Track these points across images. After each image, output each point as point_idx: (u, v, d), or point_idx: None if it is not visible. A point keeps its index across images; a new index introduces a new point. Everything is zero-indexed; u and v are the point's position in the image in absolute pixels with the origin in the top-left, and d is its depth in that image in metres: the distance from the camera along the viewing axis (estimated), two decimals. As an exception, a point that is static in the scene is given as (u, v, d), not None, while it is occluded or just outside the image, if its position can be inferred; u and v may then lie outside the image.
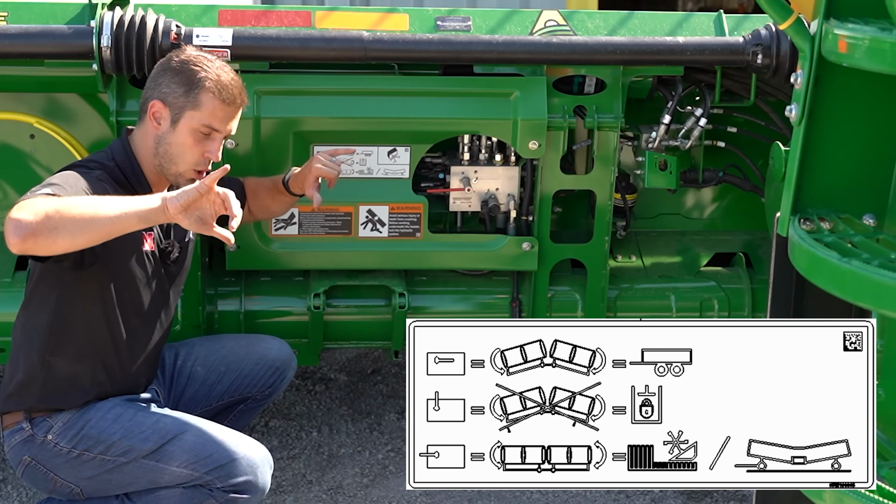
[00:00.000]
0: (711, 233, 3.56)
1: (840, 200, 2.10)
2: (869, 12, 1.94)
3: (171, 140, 2.55)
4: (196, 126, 2.54)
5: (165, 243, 2.68)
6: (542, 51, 2.95)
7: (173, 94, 2.54)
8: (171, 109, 2.54)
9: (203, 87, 2.53)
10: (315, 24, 3.04)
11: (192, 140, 2.55)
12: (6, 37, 2.83)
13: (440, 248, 3.19)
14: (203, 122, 2.54)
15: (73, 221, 2.21)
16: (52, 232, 2.20)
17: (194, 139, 2.55)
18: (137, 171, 2.60)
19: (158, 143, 2.57)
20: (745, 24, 3.15)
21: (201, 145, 2.55)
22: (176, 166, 2.57)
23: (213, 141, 2.57)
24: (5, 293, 3.08)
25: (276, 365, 2.96)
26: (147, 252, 2.62)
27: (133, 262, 2.59)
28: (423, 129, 3.09)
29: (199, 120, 2.54)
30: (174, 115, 2.54)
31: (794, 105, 2.05)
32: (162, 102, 2.55)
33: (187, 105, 2.53)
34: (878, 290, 1.79)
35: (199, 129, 2.54)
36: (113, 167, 2.57)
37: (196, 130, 2.54)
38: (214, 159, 2.57)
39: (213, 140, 2.57)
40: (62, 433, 2.57)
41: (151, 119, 2.57)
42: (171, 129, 2.55)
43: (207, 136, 2.56)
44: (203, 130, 2.55)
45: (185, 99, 2.53)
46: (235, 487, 2.56)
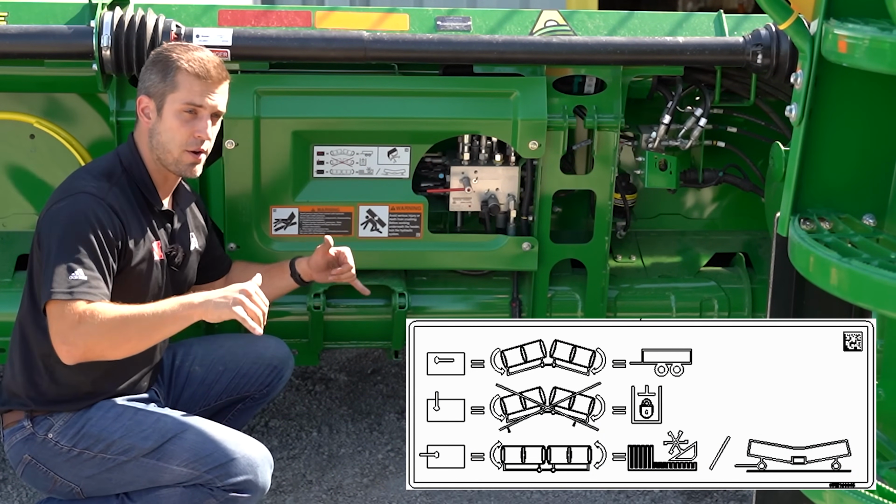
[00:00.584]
0: (711, 233, 3.56)
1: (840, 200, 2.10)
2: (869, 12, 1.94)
3: (160, 129, 2.59)
4: (178, 107, 2.57)
5: (170, 248, 2.70)
6: (542, 51, 2.95)
7: (153, 84, 2.58)
8: (155, 99, 2.58)
9: (177, 68, 2.56)
10: (315, 24, 3.04)
11: (178, 122, 2.57)
12: (6, 37, 2.83)
13: (440, 248, 3.19)
14: (184, 101, 2.56)
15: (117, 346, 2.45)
16: (100, 355, 2.45)
17: (180, 121, 2.57)
18: (144, 172, 2.62)
19: (151, 136, 2.60)
20: (745, 24, 3.15)
21: (188, 126, 2.58)
22: (170, 153, 2.59)
23: (200, 119, 2.59)
24: (5, 293, 3.08)
25: (273, 364, 2.96)
26: (157, 261, 2.64)
27: (146, 273, 2.62)
28: (423, 129, 3.08)
29: (180, 100, 2.56)
30: (158, 103, 2.58)
31: (794, 105, 2.05)
32: (147, 96, 2.60)
33: (166, 90, 2.57)
34: (878, 290, 1.79)
35: (181, 109, 2.57)
36: (121, 173, 2.60)
37: (179, 112, 2.57)
38: (206, 138, 2.60)
39: (200, 119, 2.59)
40: (63, 432, 2.57)
41: (141, 115, 2.61)
42: (158, 118, 2.59)
43: (194, 116, 2.58)
44: (186, 109, 2.57)
45: (163, 85, 2.57)
46: (235, 486, 2.56)
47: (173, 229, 2.71)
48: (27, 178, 3.21)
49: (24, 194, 3.23)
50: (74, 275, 2.41)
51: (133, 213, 2.57)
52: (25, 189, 3.23)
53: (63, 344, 2.41)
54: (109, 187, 2.55)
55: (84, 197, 2.51)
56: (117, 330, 2.41)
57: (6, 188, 3.23)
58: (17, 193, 3.24)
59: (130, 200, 2.58)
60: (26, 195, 3.23)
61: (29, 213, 3.23)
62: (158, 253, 2.64)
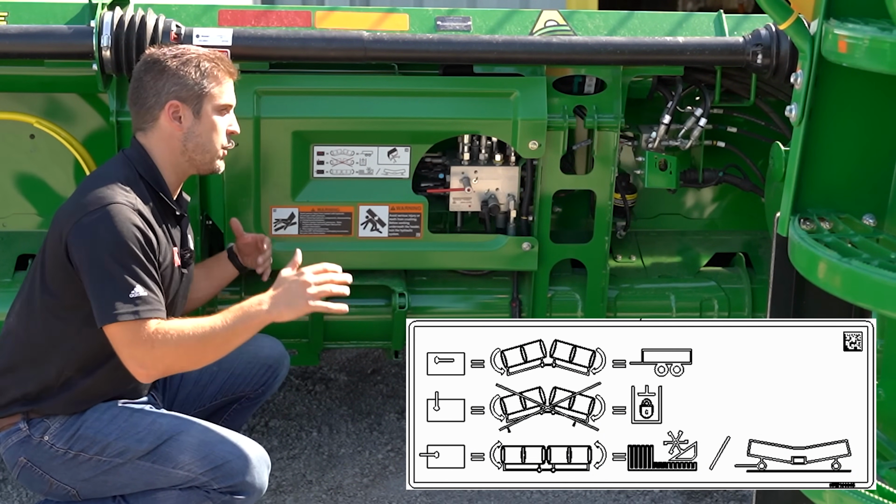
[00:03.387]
0: (711, 233, 3.56)
1: (840, 200, 2.11)
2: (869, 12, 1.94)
3: (199, 130, 2.62)
4: (219, 105, 2.64)
5: (183, 251, 2.70)
6: (542, 51, 2.95)
7: (186, 89, 2.59)
8: (190, 103, 2.60)
9: (209, 71, 2.61)
10: (315, 24, 3.04)
11: (218, 122, 2.65)
12: (6, 37, 2.83)
13: (440, 248, 3.19)
14: (223, 101, 2.65)
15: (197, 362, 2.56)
16: (178, 370, 2.64)
17: (220, 120, 2.65)
18: (160, 179, 2.63)
19: (187, 140, 2.61)
20: (745, 24, 3.15)
21: (223, 124, 2.67)
22: (209, 153, 2.65)
23: (231, 116, 2.69)
24: (5, 293, 3.08)
25: (268, 363, 2.96)
26: (176, 267, 2.65)
27: (168, 280, 2.62)
28: (423, 129, 3.08)
29: (219, 99, 2.64)
30: (195, 106, 2.60)
31: (794, 105, 2.05)
32: (178, 101, 2.59)
33: (203, 92, 2.60)
34: (878, 290, 1.79)
35: (221, 108, 2.65)
36: (138, 179, 2.59)
37: (220, 110, 2.65)
38: (236, 131, 2.71)
39: (231, 115, 2.69)
40: (58, 434, 2.56)
41: (171, 121, 2.59)
42: (196, 120, 2.61)
43: (227, 112, 2.68)
44: (223, 108, 2.66)
45: (199, 87, 2.60)
46: (232, 488, 2.55)
47: (183, 233, 2.72)
48: (27, 178, 3.21)
49: (25, 194, 3.23)
50: (133, 292, 2.41)
51: (156, 221, 2.56)
52: (25, 189, 3.23)
53: (141, 367, 2.46)
54: (136, 196, 2.54)
55: (118, 208, 2.47)
56: (194, 349, 2.47)
57: (6, 188, 3.23)
58: (18, 193, 3.24)
59: (152, 209, 2.57)
60: (26, 195, 3.23)
61: (29, 214, 3.23)
62: (177, 259, 2.65)
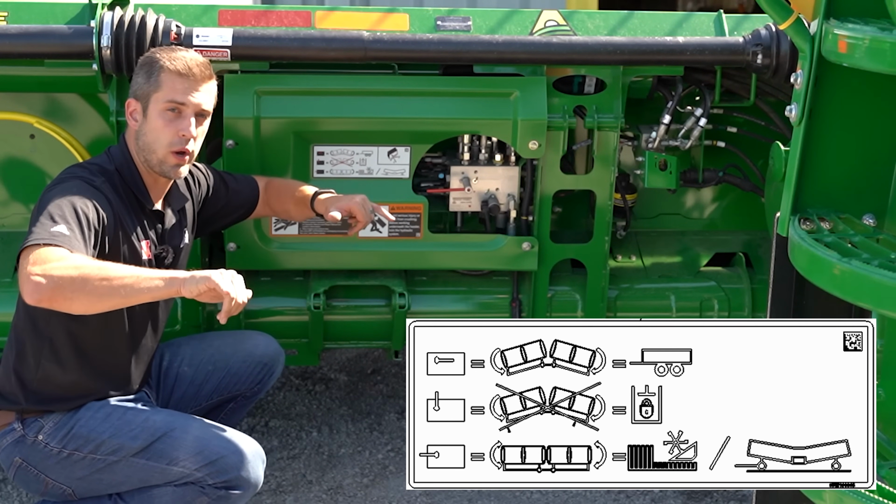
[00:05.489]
0: (711, 233, 3.56)
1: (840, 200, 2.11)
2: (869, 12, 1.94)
3: (146, 129, 2.59)
4: (162, 106, 2.57)
5: (160, 249, 2.69)
6: (542, 51, 2.95)
7: (139, 87, 2.60)
8: (141, 101, 2.60)
9: (159, 68, 2.58)
10: (315, 24, 3.04)
11: (162, 122, 2.57)
12: (6, 37, 2.83)
13: (440, 248, 3.19)
14: (166, 99, 2.57)
15: (88, 293, 2.27)
16: (68, 300, 2.27)
17: (164, 120, 2.57)
18: (135, 173, 2.63)
19: (138, 138, 2.61)
20: (745, 24, 3.15)
21: (173, 125, 2.57)
22: (154, 154, 2.59)
23: (184, 118, 2.58)
24: (5, 293, 3.08)
25: (263, 361, 2.96)
26: (145, 261, 2.62)
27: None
28: (423, 129, 3.08)
29: (162, 98, 2.57)
30: (143, 104, 2.59)
31: (794, 105, 2.05)
32: (134, 99, 2.61)
33: (150, 90, 2.58)
34: (878, 290, 1.79)
35: (165, 108, 2.57)
36: (113, 171, 2.61)
37: (163, 111, 2.57)
38: (190, 137, 2.58)
39: (184, 117, 2.58)
40: (53, 433, 2.57)
41: (129, 118, 2.62)
42: (144, 119, 2.59)
43: (178, 115, 2.58)
44: (169, 107, 2.57)
45: (147, 85, 2.58)
46: (227, 483, 2.55)
47: (164, 230, 2.70)
48: (27, 178, 3.21)
49: (25, 194, 3.23)
50: (57, 227, 2.35)
51: (123, 209, 2.57)
52: (26, 189, 3.23)
53: (29, 279, 2.24)
54: (102, 181, 2.56)
55: (77, 181, 2.51)
56: (93, 278, 2.27)
57: (6, 188, 3.23)
58: (18, 193, 3.24)
59: (122, 198, 2.58)
60: (26, 195, 3.23)
61: (29, 214, 3.23)
62: (147, 252, 2.63)
